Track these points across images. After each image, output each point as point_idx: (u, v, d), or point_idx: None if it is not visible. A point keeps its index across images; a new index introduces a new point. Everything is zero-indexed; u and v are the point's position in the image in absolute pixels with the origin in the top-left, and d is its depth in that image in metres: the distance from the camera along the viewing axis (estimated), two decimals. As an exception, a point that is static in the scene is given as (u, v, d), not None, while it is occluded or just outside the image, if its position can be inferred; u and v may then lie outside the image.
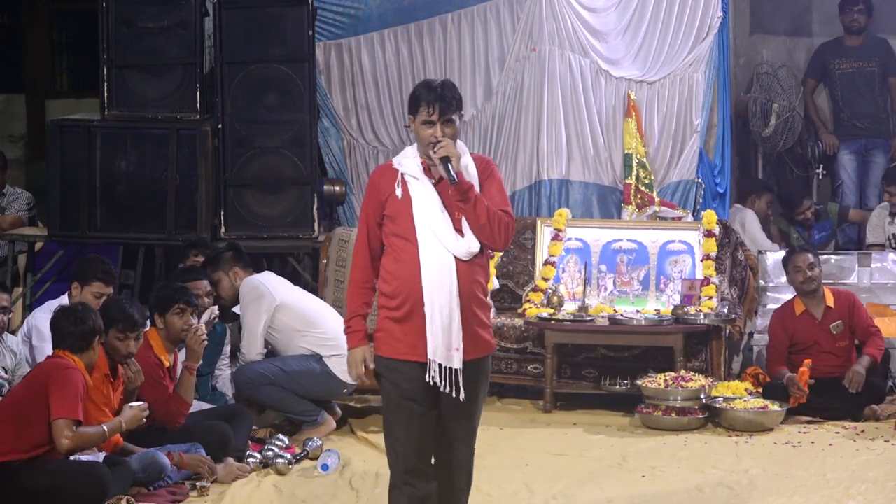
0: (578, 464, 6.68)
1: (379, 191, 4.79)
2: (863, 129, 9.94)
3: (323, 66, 9.12)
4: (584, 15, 8.83)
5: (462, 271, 4.64)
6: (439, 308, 4.60)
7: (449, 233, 4.63)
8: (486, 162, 4.78)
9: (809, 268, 7.71)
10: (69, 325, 5.67)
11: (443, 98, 4.66)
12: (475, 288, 4.69)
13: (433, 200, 4.67)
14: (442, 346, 4.60)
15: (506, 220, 4.65)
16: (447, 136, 4.67)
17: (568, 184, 8.83)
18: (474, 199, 4.61)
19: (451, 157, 4.61)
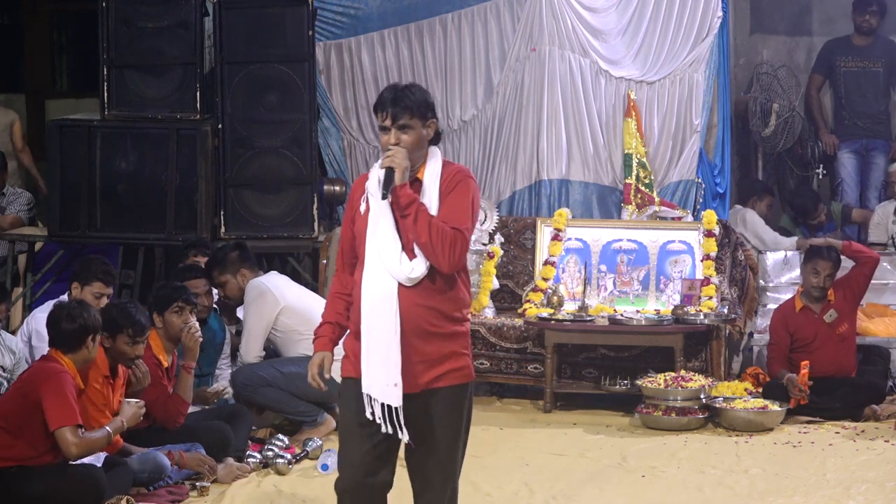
0: (578, 464, 6.68)
1: (353, 203, 4.47)
2: (863, 129, 9.93)
3: (323, 66, 9.12)
4: (584, 15, 8.83)
5: (407, 298, 4.24)
6: (376, 339, 4.26)
7: (393, 255, 4.25)
8: (458, 174, 4.35)
9: (827, 278, 7.74)
10: (62, 322, 5.64)
11: (397, 102, 4.28)
12: (428, 315, 4.27)
13: (385, 219, 4.29)
14: (379, 379, 4.25)
15: (452, 237, 4.21)
16: (403, 144, 4.28)
17: (568, 184, 8.83)
18: (414, 214, 4.22)
19: (395, 169, 4.23)
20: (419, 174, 4.32)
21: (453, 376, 4.33)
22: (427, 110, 4.32)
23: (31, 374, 5.72)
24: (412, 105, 4.28)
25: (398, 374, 4.24)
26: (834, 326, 7.77)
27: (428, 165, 4.33)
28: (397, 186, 4.23)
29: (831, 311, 7.78)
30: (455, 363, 4.33)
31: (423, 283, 4.26)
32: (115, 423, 5.71)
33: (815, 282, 7.77)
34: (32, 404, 5.50)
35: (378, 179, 4.31)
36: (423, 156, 4.34)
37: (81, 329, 5.63)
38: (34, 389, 5.52)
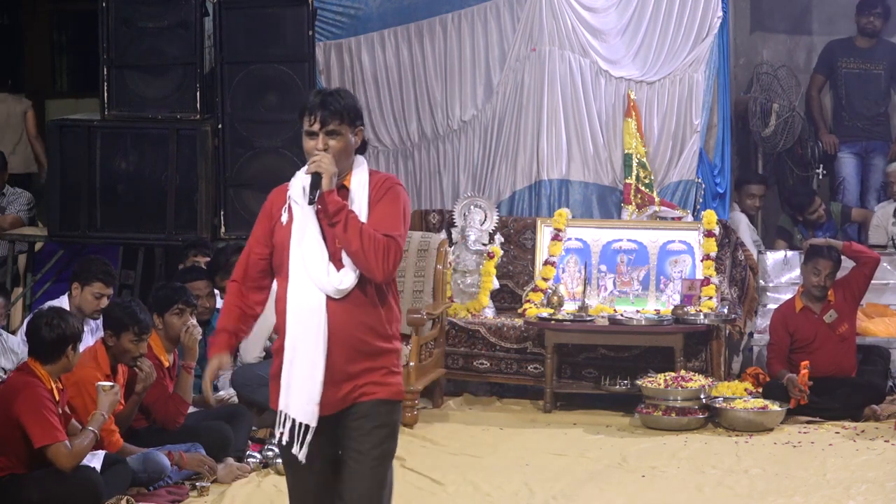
0: (578, 464, 6.68)
1: (271, 215, 4.16)
2: (862, 130, 9.93)
3: (323, 66, 9.12)
4: (583, 15, 8.83)
5: (337, 312, 3.98)
6: (301, 354, 3.97)
7: (320, 266, 3.99)
8: (387, 181, 4.13)
9: (827, 277, 7.74)
10: (41, 331, 5.56)
11: (326, 106, 4.05)
12: (358, 330, 4.01)
13: (311, 228, 4.03)
14: (299, 397, 3.97)
15: (385, 244, 3.96)
16: (331, 150, 4.03)
17: (568, 184, 8.83)
18: (344, 221, 3.95)
19: (322, 174, 3.98)
20: (346, 182, 4.08)
21: (380, 390, 4.03)
22: (356, 117, 4.14)
23: (4, 388, 5.66)
24: (342, 110, 4.08)
25: (318, 392, 3.97)
26: (834, 327, 7.77)
27: (355, 173, 4.11)
28: (325, 193, 3.98)
29: (831, 311, 7.78)
30: (383, 377, 4.05)
31: (353, 295, 4.01)
32: (97, 418, 5.65)
33: (815, 281, 7.77)
34: (10, 421, 5.46)
35: (303, 186, 4.04)
36: (350, 164, 4.11)
37: (61, 339, 5.55)
38: (9, 407, 5.48)
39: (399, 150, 9.22)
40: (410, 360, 7.39)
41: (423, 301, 7.94)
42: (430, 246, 8.10)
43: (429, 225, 8.90)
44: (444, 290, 8.13)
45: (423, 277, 8.01)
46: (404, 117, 9.18)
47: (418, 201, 9.16)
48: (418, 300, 7.95)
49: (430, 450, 6.96)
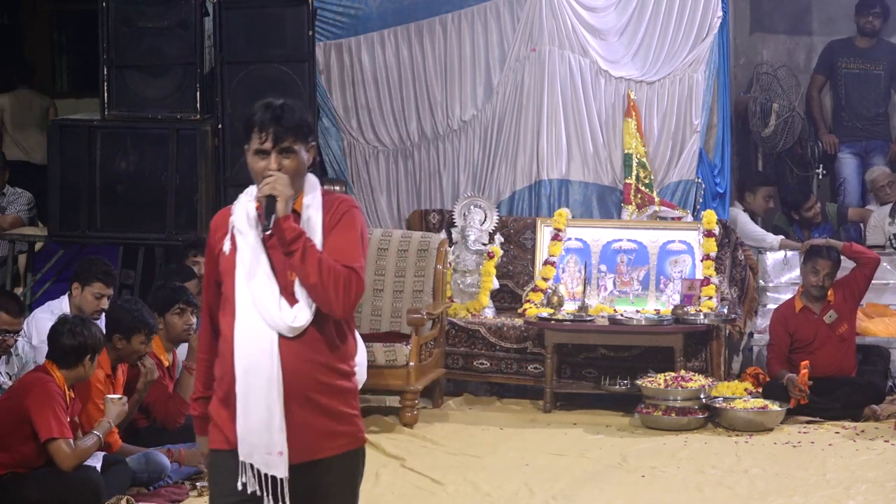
0: (578, 464, 6.68)
1: (213, 244, 3.76)
2: (862, 131, 9.93)
3: (323, 66, 9.12)
4: (583, 15, 8.83)
5: (290, 352, 3.60)
6: (255, 402, 3.59)
7: (271, 301, 3.60)
8: (342, 204, 3.73)
9: (826, 277, 7.74)
10: (63, 337, 5.62)
11: (279, 121, 3.65)
12: (317, 371, 3.65)
13: (258, 259, 3.64)
14: (259, 447, 3.60)
15: (345, 276, 3.58)
16: (286, 170, 3.63)
17: (568, 184, 8.83)
18: (301, 251, 3.57)
19: (277, 197, 3.59)
20: (297, 205, 3.68)
21: (345, 442, 3.74)
22: (309, 132, 3.72)
23: (19, 384, 5.71)
24: (296, 125, 3.67)
25: (283, 440, 3.61)
26: (834, 327, 7.77)
27: (307, 195, 3.70)
28: (280, 218, 3.58)
29: (831, 311, 7.78)
30: (346, 426, 3.74)
31: (309, 332, 3.63)
32: (103, 425, 5.70)
33: (814, 281, 7.76)
34: (19, 415, 5.49)
35: (247, 214, 3.65)
36: (302, 184, 3.70)
37: (81, 347, 5.60)
38: (21, 401, 5.51)
39: (399, 150, 9.22)
40: (410, 360, 7.39)
41: (423, 301, 7.94)
42: (430, 246, 8.10)
43: (429, 225, 8.90)
44: (444, 290, 8.13)
45: (423, 277, 8.01)
46: (404, 117, 9.18)
47: (418, 201, 9.16)
48: (418, 300, 7.95)
49: (430, 450, 6.96)
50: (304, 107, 3.81)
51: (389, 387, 7.45)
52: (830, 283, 7.78)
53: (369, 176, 9.25)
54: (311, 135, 3.73)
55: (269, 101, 3.72)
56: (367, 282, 7.94)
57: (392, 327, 7.94)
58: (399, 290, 8.01)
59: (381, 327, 7.95)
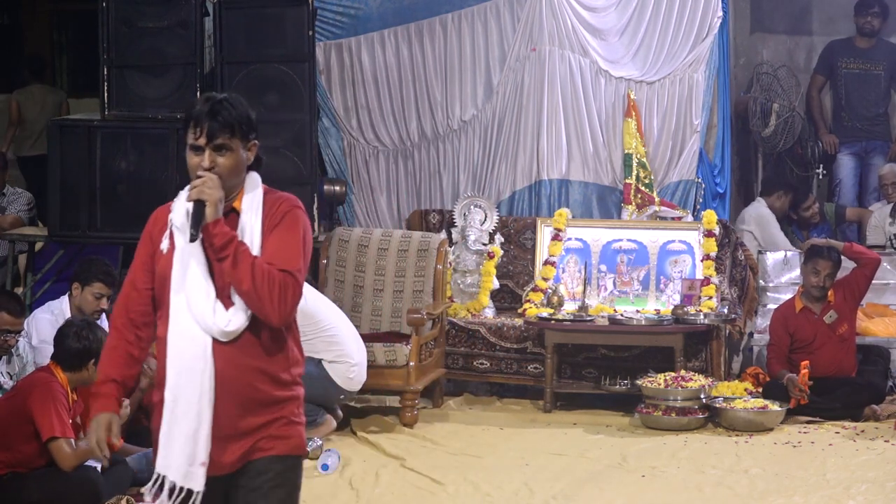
0: (578, 464, 6.68)
1: (152, 239, 3.62)
2: (862, 131, 9.93)
3: (323, 66, 9.12)
4: (583, 14, 8.83)
5: (225, 358, 3.46)
6: (184, 408, 3.46)
7: (205, 305, 3.46)
8: (284, 203, 3.60)
9: (827, 278, 7.74)
10: (69, 340, 5.65)
11: (215, 116, 3.48)
12: (252, 378, 3.49)
13: (195, 260, 3.50)
14: (180, 458, 3.46)
15: (281, 281, 3.43)
16: (219, 168, 3.48)
17: (568, 184, 8.83)
18: (233, 256, 3.42)
19: (207, 202, 3.44)
20: (235, 204, 3.55)
21: (279, 444, 3.53)
22: (250, 128, 3.56)
23: (22, 383, 5.73)
24: (233, 121, 3.50)
25: (206, 451, 3.45)
26: (834, 327, 7.77)
27: (247, 194, 3.57)
28: (209, 223, 3.43)
29: (831, 311, 7.78)
30: (281, 430, 3.54)
31: (244, 337, 3.48)
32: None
33: (814, 281, 7.76)
34: (21, 414, 5.49)
35: (186, 213, 3.49)
36: (240, 182, 3.57)
37: (85, 351, 5.63)
38: (23, 400, 5.52)
39: (399, 150, 9.22)
40: (410, 360, 7.39)
41: (424, 301, 7.94)
42: (430, 246, 8.10)
43: (429, 225, 8.91)
44: (444, 290, 8.13)
45: (423, 277, 8.01)
46: (404, 117, 9.18)
47: (418, 201, 9.16)
48: (418, 300, 7.95)
49: (430, 450, 6.96)
50: (245, 103, 3.59)
51: (389, 387, 7.46)
52: (831, 284, 7.78)
53: (369, 176, 9.25)
54: (252, 131, 3.57)
55: (210, 94, 3.58)
56: (367, 281, 8.09)
57: (392, 327, 7.94)
58: (399, 290, 8.01)
59: (381, 327, 7.95)
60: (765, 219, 9.23)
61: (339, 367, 6.97)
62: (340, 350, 6.98)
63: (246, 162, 3.57)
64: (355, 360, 7.03)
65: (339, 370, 6.97)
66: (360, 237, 8.19)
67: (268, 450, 3.52)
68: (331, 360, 6.97)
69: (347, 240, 8.19)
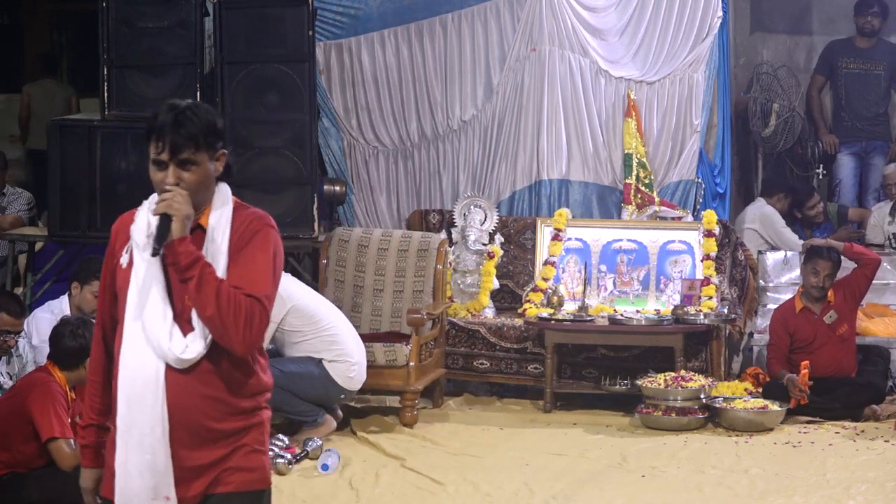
0: (578, 464, 6.68)
1: (114, 252, 3.44)
2: (862, 131, 9.93)
3: (323, 66, 9.12)
4: (583, 15, 8.83)
5: (179, 385, 3.22)
6: (137, 438, 3.22)
7: (161, 328, 3.22)
8: (255, 221, 3.35)
9: (826, 278, 7.74)
10: (65, 339, 5.63)
11: (178, 128, 3.24)
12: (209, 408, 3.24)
13: (153, 279, 3.26)
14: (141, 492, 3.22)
15: (248, 308, 3.19)
16: (186, 184, 3.26)
17: (568, 184, 8.83)
18: (198, 278, 3.18)
19: (173, 217, 3.23)
20: (202, 220, 3.32)
21: (242, 478, 3.30)
22: (216, 138, 3.30)
23: (20, 384, 5.73)
24: (197, 133, 3.25)
25: (170, 484, 3.22)
26: (834, 327, 7.77)
27: (215, 209, 3.33)
28: (175, 241, 3.21)
29: (831, 311, 7.78)
30: (244, 461, 3.30)
31: (202, 365, 3.23)
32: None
33: (814, 282, 7.76)
34: (20, 415, 5.49)
35: (148, 224, 3.30)
36: (209, 197, 3.34)
37: (82, 349, 5.59)
38: (22, 400, 5.52)
39: (399, 150, 9.22)
40: (410, 360, 7.39)
41: (423, 301, 7.94)
42: (430, 246, 8.10)
43: (429, 225, 8.90)
44: (444, 290, 8.13)
45: (423, 277, 8.01)
46: (404, 117, 9.18)
47: (418, 201, 9.16)
48: (418, 300, 7.95)
49: (430, 450, 6.96)
50: (211, 110, 3.33)
51: (389, 387, 7.46)
52: (830, 284, 7.78)
53: (369, 176, 9.25)
54: (219, 141, 3.31)
55: (173, 102, 3.32)
56: (367, 282, 8.09)
57: (392, 327, 7.94)
58: (399, 291, 8.01)
59: (382, 327, 7.95)
60: (769, 217, 9.23)
61: (340, 367, 6.98)
62: (341, 349, 6.99)
63: (214, 174, 3.34)
64: (355, 360, 7.04)
65: (339, 369, 6.98)
66: (360, 237, 8.19)
67: (229, 483, 3.28)
68: (331, 359, 6.98)
69: (347, 240, 8.19)
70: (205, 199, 3.33)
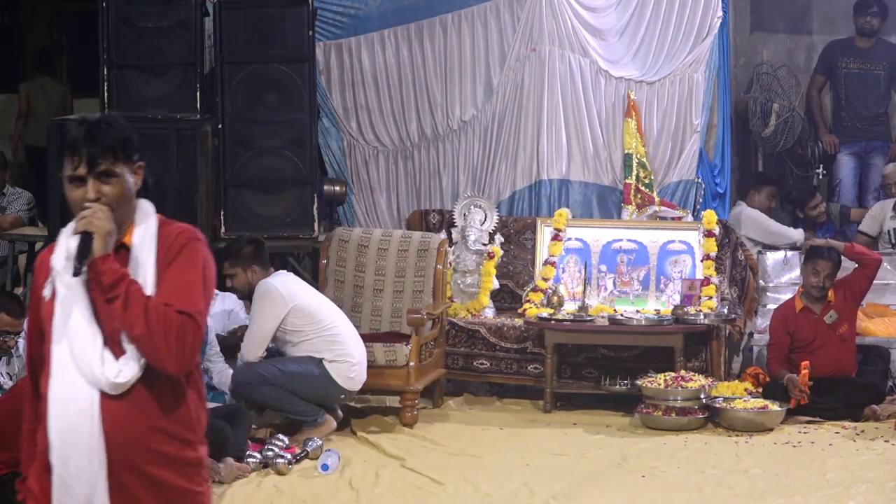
0: (578, 464, 6.67)
1: (37, 287, 3.22)
2: (862, 131, 9.93)
3: (323, 66, 9.12)
4: (583, 15, 8.83)
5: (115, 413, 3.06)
6: (73, 473, 3.05)
7: (91, 353, 3.06)
8: (181, 235, 3.19)
9: (826, 278, 7.73)
10: None
11: (93, 139, 3.09)
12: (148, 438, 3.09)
13: (78, 303, 3.09)
14: None
15: (179, 324, 3.04)
16: (106, 199, 3.10)
17: (568, 184, 8.83)
18: (124, 297, 3.03)
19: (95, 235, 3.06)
20: (126, 238, 3.16)
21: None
22: (133, 150, 3.16)
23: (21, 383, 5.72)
24: (114, 143, 3.11)
25: None
26: (834, 327, 7.77)
27: (138, 226, 3.18)
28: (97, 259, 3.04)
29: (831, 311, 7.78)
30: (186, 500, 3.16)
31: (137, 390, 3.08)
32: None
33: (814, 282, 7.76)
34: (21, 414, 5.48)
35: (67, 251, 3.10)
36: (130, 213, 3.18)
37: None
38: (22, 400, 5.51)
39: (399, 150, 9.22)
40: (410, 360, 7.38)
41: (423, 301, 7.94)
42: (430, 246, 8.10)
43: (429, 225, 8.90)
44: (444, 290, 8.13)
45: (423, 277, 8.01)
46: (404, 117, 9.18)
47: (418, 201, 9.16)
48: (418, 300, 7.95)
49: (430, 450, 6.96)
50: (125, 123, 3.20)
51: (389, 387, 7.46)
52: (831, 284, 7.78)
53: (369, 176, 9.25)
54: (136, 153, 3.18)
55: (83, 116, 3.19)
56: (367, 282, 8.08)
57: (392, 327, 7.94)
58: (399, 291, 8.01)
59: (381, 327, 7.95)
60: (754, 220, 9.17)
61: (340, 367, 6.97)
62: (341, 349, 6.99)
63: (134, 188, 3.19)
64: (356, 360, 7.04)
65: (339, 370, 6.98)
66: (360, 237, 8.18)
67: None
68: (331, 359, 6.98)
69: (347, 240, 8.18)
70: (126, 215, 3.17)
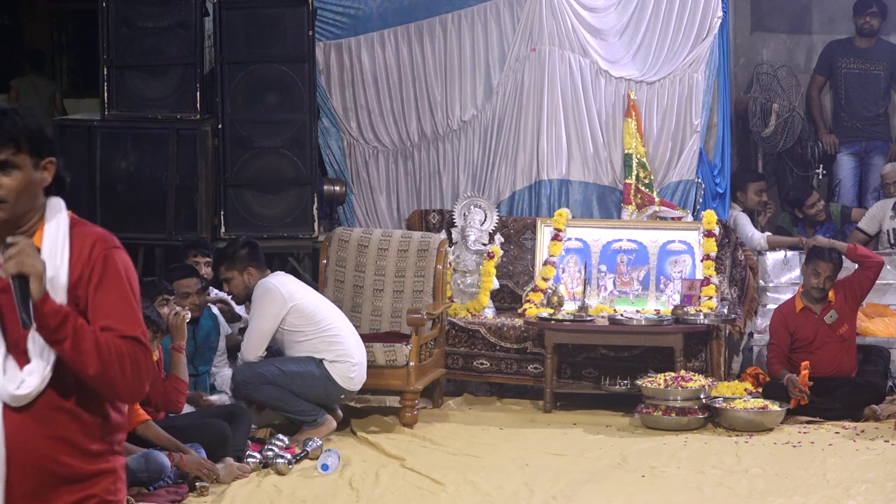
0: (578, 464, 6.67)
1: None
2: (862, 131, 9.93)
3: (323, 66, 9.12)
4: (583, 15, 8.84)
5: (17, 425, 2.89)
6: None
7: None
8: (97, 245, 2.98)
9: (827, 280, 7.73)
10: None
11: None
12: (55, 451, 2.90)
13: None
14: None
15: (131, 353, 2.88)
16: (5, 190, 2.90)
17: (568, 184, 8.83)
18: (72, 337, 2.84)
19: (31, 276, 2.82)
20: (35, 238, 2.93)
21: None
22: (42, 143, 2.95)
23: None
24: (18, 133, 2.90)
25: None
26: (834, 327, 7.76)
27: (48, 226, 2.96)
28: (37, 302, 2.82)
29: (832, 311, 7.78)
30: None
31: (42, 401, 2.89)
32: None
33: (815, 283, 7.76)
34: None
35: None
36: (36, 209, 2.97)
37: None
38: None
39: (399, 150, 9.22)
40: (410, 360, 7.38)
41: (423, 301, 7.94)
42: (430, 246, 8.10)
43: (429, 225, 8.91)
44: (444, 290, 8.13)
45: (423, 277, 8.01)
46: (404, 117, 9.18)
47: (418, 201, 9.16)
48: (418, 300, 7.95)
49: (430, 450, 6.96)
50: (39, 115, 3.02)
51: (389, 387, 7.46)
52: (831, 285, 7.78)
53: (369, 176, 9.25)
54: (46, 148, 2.96)
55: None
56: (367, 282, 8.09)
57: (392, 327, 7.94)
58: (399, 291, 8.01)
59: (381, 327, 7.95)
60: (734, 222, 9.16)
61: (340, 367, 6.97)
62: (341, 350, 6.99)
63: (41, 183, 2.96)
64: (356, 360, 7.04)
65: (339, 370, 6.98)
66: (360, 237, 8.18)
67: None
68: (332, 359, 6.98)
69: (347, 240, 8.18)
70: (31, 211, 2.97)
